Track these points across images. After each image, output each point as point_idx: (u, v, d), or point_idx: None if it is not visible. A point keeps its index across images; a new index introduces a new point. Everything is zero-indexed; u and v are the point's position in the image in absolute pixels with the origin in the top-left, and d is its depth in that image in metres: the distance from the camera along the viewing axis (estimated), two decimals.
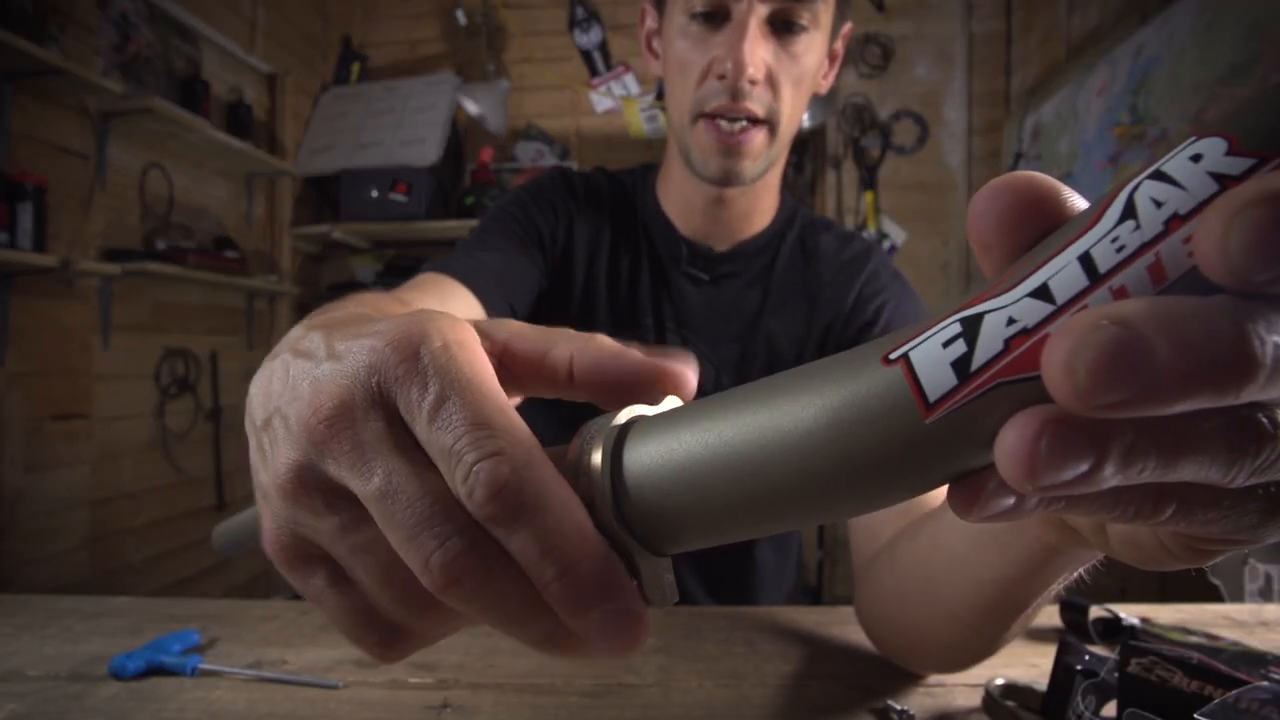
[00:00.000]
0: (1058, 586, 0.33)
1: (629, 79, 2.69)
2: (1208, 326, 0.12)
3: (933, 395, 0.14)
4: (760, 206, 0.75)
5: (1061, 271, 0.13)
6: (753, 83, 0.63)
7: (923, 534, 0.43)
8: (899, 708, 0.44)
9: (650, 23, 0.73)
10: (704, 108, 0.65)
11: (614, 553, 0.18)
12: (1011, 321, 0.13)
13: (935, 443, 0.14)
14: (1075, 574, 0.32)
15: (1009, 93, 2.60)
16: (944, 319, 0.14)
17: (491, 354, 0.22)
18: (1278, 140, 0.12)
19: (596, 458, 0.18)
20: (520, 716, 0.45)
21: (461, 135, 2.75)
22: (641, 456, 0.18)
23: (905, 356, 0.14)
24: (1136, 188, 0.13)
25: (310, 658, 0.52)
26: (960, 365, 0.13)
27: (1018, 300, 0.13)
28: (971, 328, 0.13)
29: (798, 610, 0.63)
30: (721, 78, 0.63)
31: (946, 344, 0.14)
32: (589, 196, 0.77)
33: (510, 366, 0.23)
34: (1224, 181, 0.12)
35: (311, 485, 0.20)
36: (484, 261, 0.65)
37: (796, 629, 0.59)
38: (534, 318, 0.68)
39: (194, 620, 0.58)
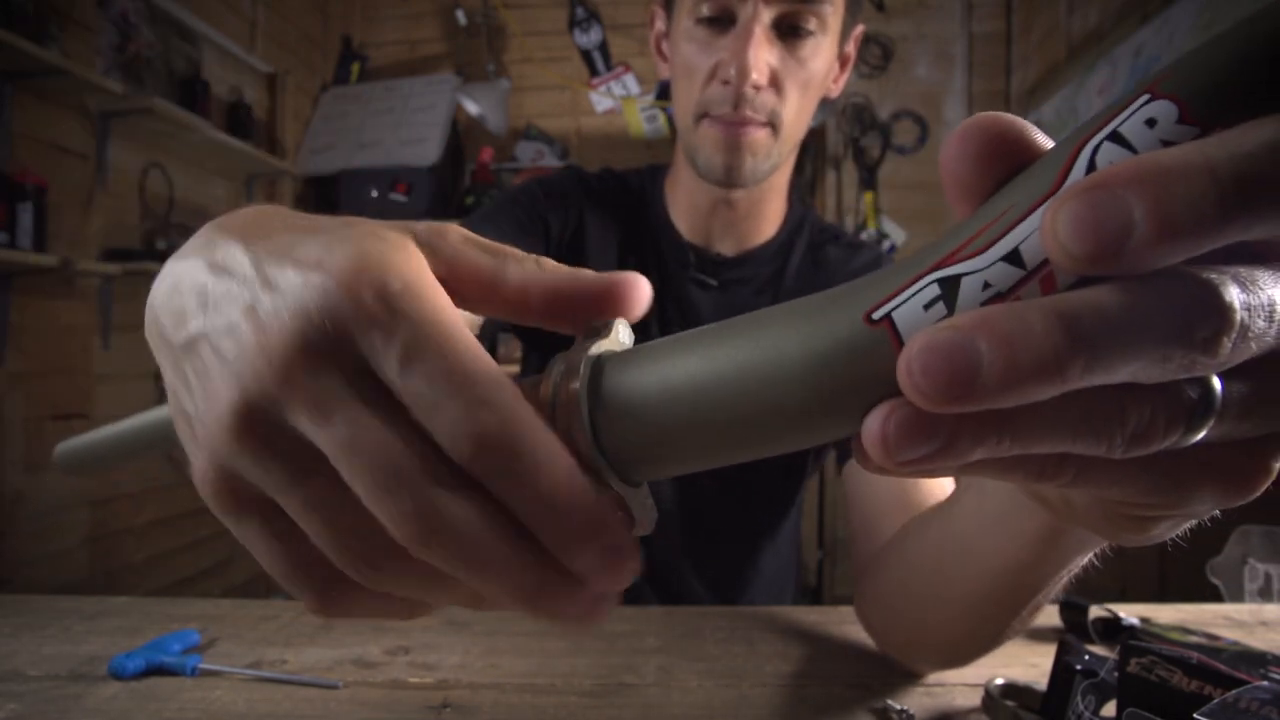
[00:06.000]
0: (1065, 575, 0.34)
1: (629, 79, 2.69)
2: (1024, 326, 0.13)
3: None
4: (766, 211, 0.74)
5: (1031, 236, 0.14)
6: (757, 88, 0.62)
7: (931, 525, 0.44)
8: (899, 707, 0.44)
9: (660, 25, 0.73)
10: (708, 110, 0.65)
11: (600, 487, 0.18)
12: (987, 286, 0.14)
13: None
14: (1080, 563, 0.33)
15: (1009, 93, 2.60)
16: (921, 276, 0.15)
17: (437, 274, 0.20)
18: (1215, 110, 0.13)
19: (575, 386, 0.18)
20: (520, 716, 0.45)
21: (461, 135, 2.75)
22: (621, 387, 0.18)
23: (889, 318, 0.15)
24: (1097, 149, 0.14)
25: (310, 658, 0.53)
26: None
27: (991, 265, 0.14)
28: (950, 290, 0.14)
29: (798, 610, 0.63)
30: (726, 83, 0.63)
31: (927, 306, 0.15)
32: (601, 197, 0.77)
33: (457, 287, 0.21)
34: None
35: (260, 429, 0.18)
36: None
37: (796, 629, 0.59)
38: None
39: (194, 620, 0.58)
